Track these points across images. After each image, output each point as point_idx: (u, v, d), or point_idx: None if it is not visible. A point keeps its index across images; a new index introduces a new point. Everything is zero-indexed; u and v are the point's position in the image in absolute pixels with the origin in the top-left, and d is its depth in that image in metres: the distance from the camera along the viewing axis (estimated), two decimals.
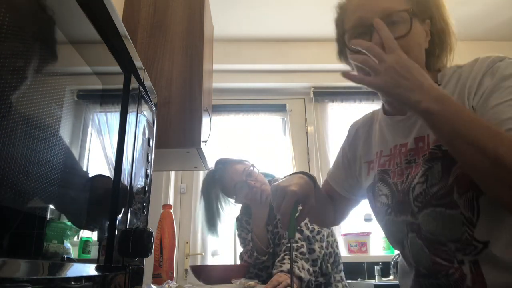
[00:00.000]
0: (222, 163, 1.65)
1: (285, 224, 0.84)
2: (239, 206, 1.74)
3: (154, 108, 0.87)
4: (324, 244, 1.42)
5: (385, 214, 0.83)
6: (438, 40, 0.82)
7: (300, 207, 0.88)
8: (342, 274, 1.52)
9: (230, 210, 1.73)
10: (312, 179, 0.90)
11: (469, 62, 0.75)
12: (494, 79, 0.67)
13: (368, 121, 0.98)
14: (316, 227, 1.42)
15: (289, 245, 1.37)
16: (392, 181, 0.82)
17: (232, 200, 1.67)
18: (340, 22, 0.89)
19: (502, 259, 0.65)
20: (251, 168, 1.59)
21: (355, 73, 0.68)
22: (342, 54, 0.92)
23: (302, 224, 1.41)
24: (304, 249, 1.35)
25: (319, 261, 1.39)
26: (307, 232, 1.40)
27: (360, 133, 0.98)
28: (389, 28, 0.71)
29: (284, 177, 1.64)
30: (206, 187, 1.66)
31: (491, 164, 0.56)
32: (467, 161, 0.60)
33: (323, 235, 1.43)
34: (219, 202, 1.67)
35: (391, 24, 0.73)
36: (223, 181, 1.61)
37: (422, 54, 0.78)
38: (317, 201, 0.95)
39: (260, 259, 1.52)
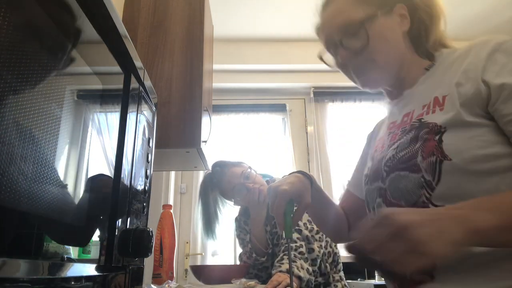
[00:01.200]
0: (220, 166, 1.65)
1: (280, 224, 0.84)
2: (238, 208, 1.74)
3: (154, 108, 0.87)
4: (323, 244, 1.42)
5: (365, 184, 0.85)
6: (420, 23, 0.81)
7: (296, 207, 0.88)
8: (342, 273, 1.52)
9: (229, 212, 1.73)
10: (309, 177, 0.90)
11: (463, 47, 0.74)
12: (502, 56, 0.65)
13: (382, 121, 0.99)
14: (315, 227, 1.42)
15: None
16: (376, 154, 0.84)
17: (231, 203, 1.67)
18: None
19: None
20: (249, 170, 1.59)
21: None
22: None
23: (301, 223, 1.41)
24: (303, 249, 1.35)
25: (319, 261, 1.39)
26: (306, 232, 1.40)
27: (375, 133, 0.99)
28: (351, 42, 0.78)
29: (282, 177, 1.65)
30: (204, 191, 1.66)
31: None
32: None
33: (322, 235, 1.43)
34: (217, 205, 1.67)
35: (352, 36, 0.78)
36: (221, 184, 1.61)
37: (396, 44, 0.79)
38: (321, 205, 0.95)
39: (259, 260, 1.52)
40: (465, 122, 0.65)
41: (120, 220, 0.62)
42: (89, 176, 0.55)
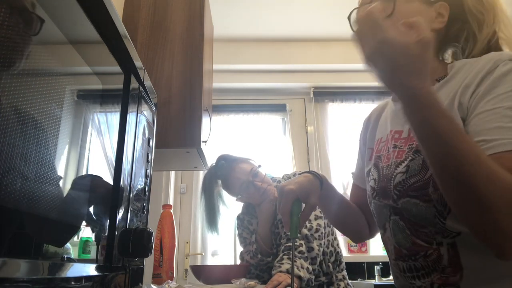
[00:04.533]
0: (225, 160, 1.62)
1: (286, 224, 0.84)
2: (240, 204, 1.73)
3: (154, 108, 0.87)
4: (323, 242, 1.42)
5: (372, 197, 0.85)
6: (464, 29, 0.78)
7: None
8: (344, 272, 1.52)
9: (229, 211, 1.72)
10: (319, 177, 0.89)
11: (484, 55, 0.71)
12: (490, 80, 0.65)
13: (381, 108, 0.97)
14: (314, 225, 1.42)
15: (287, 244, 1.37)
16: (381, 165, 0.83)
17: (233, 198, 1.66)
18: None
19: (477, 243, 0.65)
20: (258, 168, 1.58)
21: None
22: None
23: None
24: (303, 248, 1.35)
25: (318, 259, 1.38)
26: (305, 231, 1.39)
27: (372, 120, 0.98)
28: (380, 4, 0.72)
29: (282, 176, 1.64)
30: (208, 183, 1.64)
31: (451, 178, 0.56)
32: (430, 160, 0.59)
33: (322, 233, 1.43)
34: (220, 199, 1.66)
35: (382, 1, 0.73)
36: (228, 178, 1.59)
37: None
38: (335, 204, 0.94)
39: (264, 260, 1.52)
40: None
41: (120, 220, 0.62)
42: (89, 177, 0.55)
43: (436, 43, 0.79)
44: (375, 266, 2.58)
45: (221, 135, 2.95)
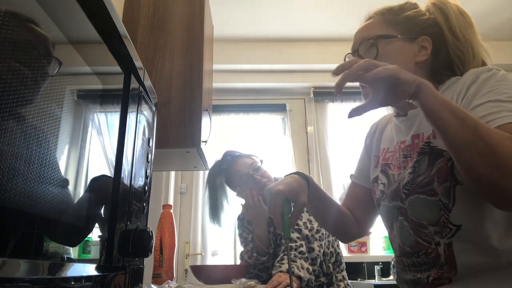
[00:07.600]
0: (230, 155, 1.67)
1: (278, 225, 0.85)
2: (241, 203, 1.74)
3: (154, 108, 0.87)
4: (323, 243, 1.42)
5: (381, 200, 0.92)
6: (450, 56, 0.87)
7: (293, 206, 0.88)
8: (344, 273, 1.52)
9: (232, 207, 1.73)
10: (305, 178, 0.91)
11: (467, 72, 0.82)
12: (475, 85, 0.75)
13: (385, 120, 1.06)
14: (315, 226, 1.43)
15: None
16: (391, 172, 0.91)
17: (234, 193, 1.68)
18: None
19: (472, 241, 0.74)
20: (259, 163, 1.59)
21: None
22: None
23: (301, 223, 1.41)
24: (303, 248, 1.35)
25: (319, 260, 1.39)
26: (305, 231, 1.40)
27: (377, 130, 1.06)
28: (365, 54, 0.89)
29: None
30: (212, 176, 1.68)
31: (471, 133, 0.63)
32: (450, 130, 0.65)
33: (323, 234, 1.43)
34: (223, 192, 1.68)
35: (367, 49, 0.89)
36: (229, 171, 1.62)
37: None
38: (321, 203, 0.97)
39: (260, 259, 1.52)
40: None
41: (120, 220, 0.62)
42: (89, 176, 0.55)
43: (425, 72, 0.88)
44: (375, 266, 2.58)
45: (221, 135, 2.95)
